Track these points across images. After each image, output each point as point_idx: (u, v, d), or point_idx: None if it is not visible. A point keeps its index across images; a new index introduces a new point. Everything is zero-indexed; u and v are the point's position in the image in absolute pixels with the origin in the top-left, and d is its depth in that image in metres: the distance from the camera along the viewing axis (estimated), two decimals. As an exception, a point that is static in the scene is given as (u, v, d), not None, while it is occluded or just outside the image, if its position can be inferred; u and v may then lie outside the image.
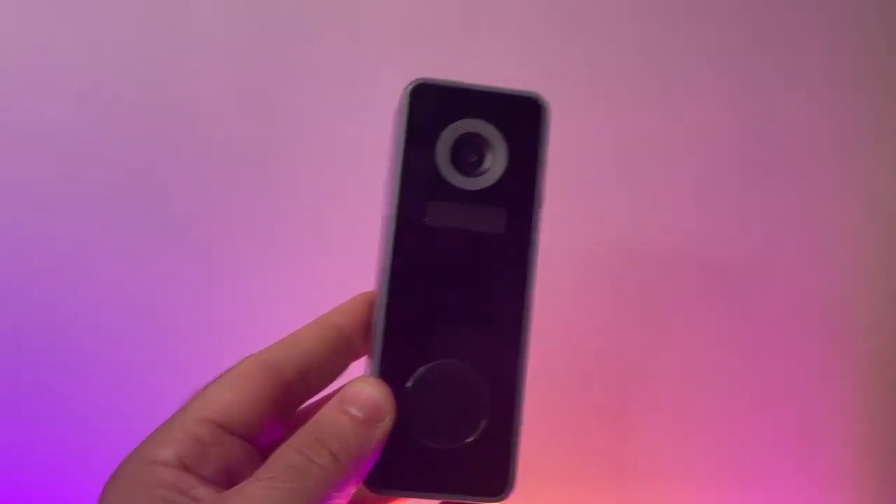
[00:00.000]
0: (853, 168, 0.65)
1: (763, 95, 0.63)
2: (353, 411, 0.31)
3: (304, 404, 0.35)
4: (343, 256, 0.58)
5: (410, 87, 0.33)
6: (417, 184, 0.33)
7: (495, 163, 0.34)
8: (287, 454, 0.30)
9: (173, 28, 0.58)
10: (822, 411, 0.64)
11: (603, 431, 0.62)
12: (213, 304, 0.59)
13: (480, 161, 0.34)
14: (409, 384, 0.33)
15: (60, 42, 0.57)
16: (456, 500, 0.34)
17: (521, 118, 0.34)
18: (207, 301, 0.59)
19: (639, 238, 0.62)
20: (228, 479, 0.30)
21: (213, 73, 0.58)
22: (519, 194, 0.34)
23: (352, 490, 0.31)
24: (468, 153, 0.34)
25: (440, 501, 0.34)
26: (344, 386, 0.33)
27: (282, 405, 0.33)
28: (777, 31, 0.64)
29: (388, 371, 0.33)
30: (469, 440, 0.33)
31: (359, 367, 0.35)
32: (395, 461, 0.32)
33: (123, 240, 0.58)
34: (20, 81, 0.57)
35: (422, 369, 0.33)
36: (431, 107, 0.33)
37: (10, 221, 0.57)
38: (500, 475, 0.34)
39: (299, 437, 0.30)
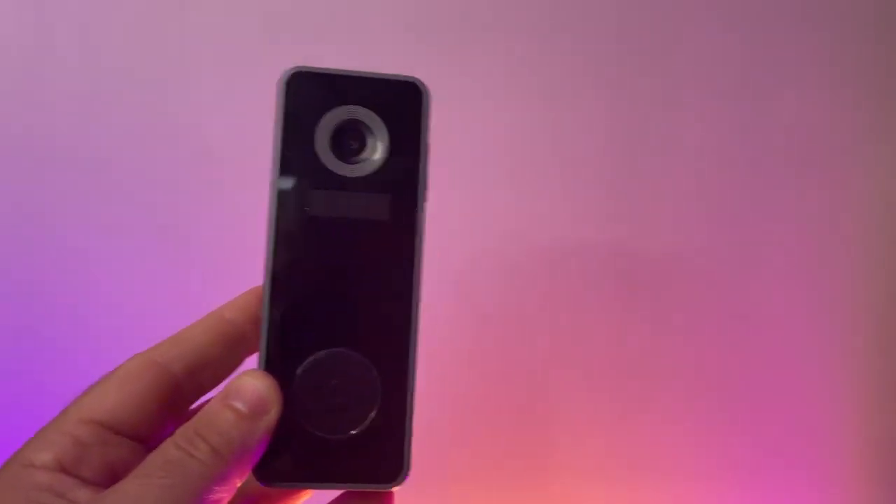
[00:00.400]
0: (852, 167, 0.64)
1: (762, 95, 0.63)
2: (237, 405, 0.30)
3: (199, 402, 0.34)
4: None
5: (286, 76, 0.33)
6: (298, 173, 0.33)
7: (376, 149, 0.34)
8: (165, 449, 0.29)
9: (176, 27, 0.58)
10: (821, 411, 0.64)
11: (603, 431, 0.62)
12: (212, 306, 0.58)
13: (361, 148, 0.34)
14: (297, 375, 0.32)
15: (61, 42, 0.57)
16: (350, 490, 0.34)
17: (401, 104, 0.34)
18: (207, 302, 0.58)
19: (639, 238, 0.62)
20: (114, 480, 0.30)
21: (214, 72, 0.58)
22: (402, 180, 0.34)
23: (235, 484, 0.30)
24: (348, 140, 0.33)
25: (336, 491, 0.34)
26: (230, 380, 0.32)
27: (172, 403, 0.33)
28: (775, 31, 0.64)
29: (275, 363, 0.32)
30: (361, 428, 0.33)
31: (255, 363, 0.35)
32: (284, 453, 0.32)
33: (123, 240, 0.58)
34: (20, 80, 0.57)
35: (310, 359, 0.33)
36: (309, 95, 0.33)
37: (10, 221, 0.57)
38: (393, 461, 0.33)
39: (179, 432, 0.30)
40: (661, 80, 0.63)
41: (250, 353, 0.34)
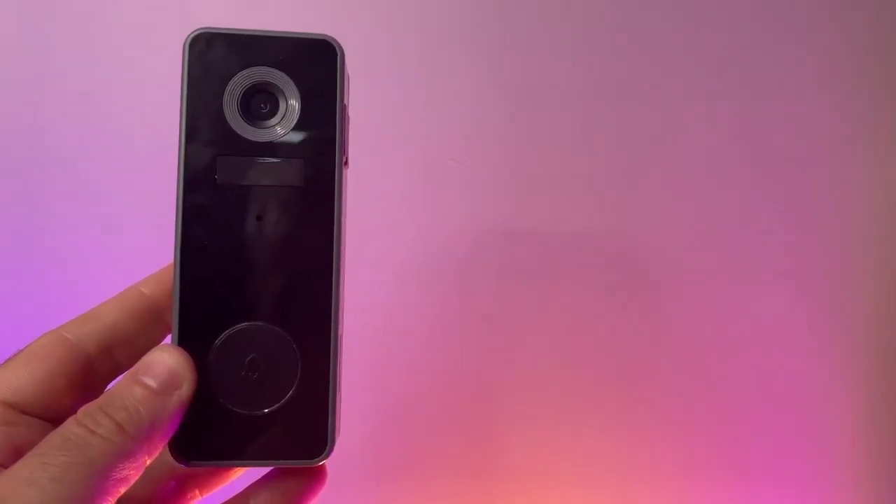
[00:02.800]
0: (852, 167, 0.63)
1: (761, 95, 0.63)
2: (147, 380, 0.29)
3: (115, 381, 0.32)
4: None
5: (190, 38, 0.32)
6: (205, 139, 0.32)
7: (288, 112, 0.32)
8: (65, 427, 0.28)
9: (177, 26, 0.59)
10: (821, 411, 0.63)
11: (602, 431, 0.62)
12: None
13: (272, 111, 0.32)
14: (212, 350, 0.31)
15: (61, 42, 0.58)
16: (271, 466, 0.33)
17: (313, 64, 0.32)
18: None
19: (638, 238, 0.62)
20: None
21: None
22: (317, 144, 0.32)
23: (144, 462, 0.29)
24: (258, 103, 0.32)
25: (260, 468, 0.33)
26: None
27: (84, 381, 0.31)
28: (774, 31, 0.63)
29: (189, 337, 0.31)
30: (279, 404, 0.32)
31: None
32: (201, 430, 0.31)
33: (124, 240, 0.59)
34: (21, 81, 0.58)
35: (225, 334, 0.31)
36: (215, 57, 0.32)
37: (10, 221, 0.58)
38: (316, 438, 0.32)
39: (82, 410, 0.28)
40: (660, 80, 0.62)
41: (168, 329, 0.33)
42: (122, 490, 0.28)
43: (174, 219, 0.32)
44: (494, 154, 0.61)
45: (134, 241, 0.58)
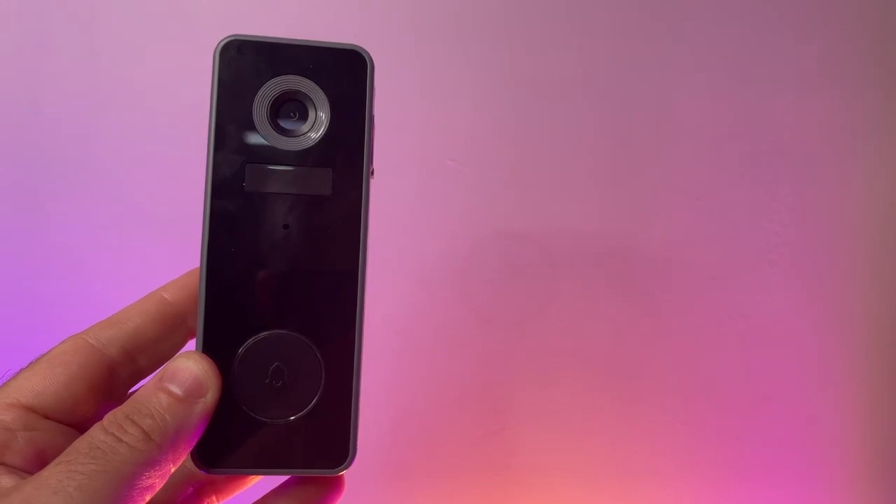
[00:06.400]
0: (852, 167, 0.64)
1: (761, 95, 0.63)
2: (172, 388, 0.29)
3: (137, 386, 0.32)
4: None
5: (221, 45, 0.32)
6: (234, 147, 0.32)
7: (317, 121, 0.32)
8: (91, 434, 0.27)
9: (178, 26, 0.58)
10: (821, 411, 0.63)
11: (603, 431, 0.62)
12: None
13: (301, 120, 0.32)
14: (236, 357, 0.31)
15: (61, 41, 0.57)
16: (293, 475, 0.33)
17: (343, 73, 0.32)
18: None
19: (639, 238, 0.62)
20: (44, 466, 0.28)
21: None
22: (345, 153, 0.32)
23: (169, 470, 0.29)
24: (288, 112, 0.32)
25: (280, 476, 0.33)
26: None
27: (106, 387, 0.31)
28: (774, 30, 0.63)
29: (214, 345, 0.31)
30: (303, 413, 0.32)
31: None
32: (224, 438, 0.31)
33: (124, 239, 0.58)
34: (21, 80, 0.57)
35: (250, 341, 0.31)
36: (246, 65, 0.32)
37: (10, 221, 0.57)
38: (338, 447, 0.32)
39: (108, 417, 0.28)
40: (661, 79, 0.62)
41: (190, 335, 0.33)
42: (148, 498, 0.28)
43: (201, 225, 0.31)
44: (494, 154, 0.61)
45: (136, 241, 0.58)
